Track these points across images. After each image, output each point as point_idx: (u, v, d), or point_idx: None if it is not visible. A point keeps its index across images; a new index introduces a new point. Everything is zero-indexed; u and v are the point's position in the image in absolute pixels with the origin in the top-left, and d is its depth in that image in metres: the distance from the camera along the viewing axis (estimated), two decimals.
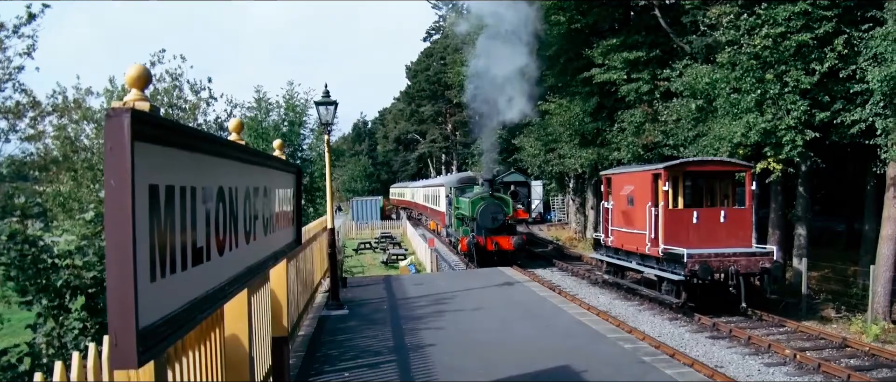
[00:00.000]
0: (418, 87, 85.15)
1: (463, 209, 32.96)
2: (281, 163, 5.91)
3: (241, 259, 3.91)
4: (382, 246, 47.44)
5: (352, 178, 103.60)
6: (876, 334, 18.33)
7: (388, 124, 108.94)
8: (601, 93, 33.12)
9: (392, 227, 63.57)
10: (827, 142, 22.35)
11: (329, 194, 15.16)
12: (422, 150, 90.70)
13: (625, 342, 10.43)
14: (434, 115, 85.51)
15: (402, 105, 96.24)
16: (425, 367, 9.25)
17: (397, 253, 40.38)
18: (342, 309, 13.88)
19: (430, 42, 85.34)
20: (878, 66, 18.85)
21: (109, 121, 2.18)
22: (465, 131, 76.81)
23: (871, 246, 22.49)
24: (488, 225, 29.96)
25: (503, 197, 31.73)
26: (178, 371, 4.30)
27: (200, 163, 3.06)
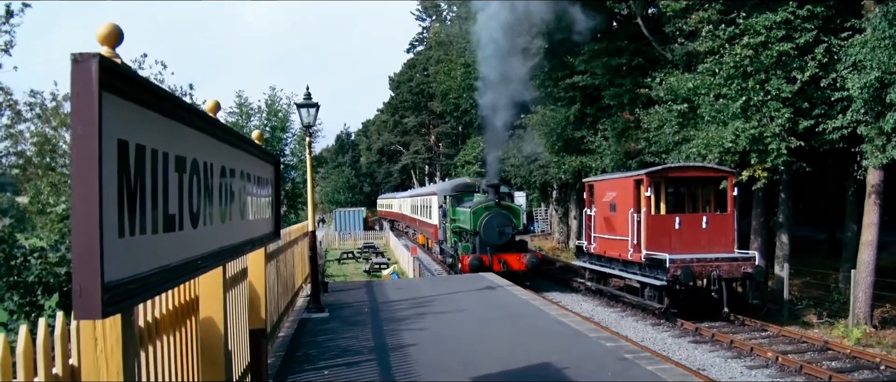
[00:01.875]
0: (401, 99, 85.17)
1: (462, 221, 28.53)
2: (259, 150, 5.83)
3: (216, 237, 3.85)
4: (365, 256, 47.26)
5: (335, 190, 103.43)
6: (857, 338, 18.41)
7: (371, 135, 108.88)
8: (584, 100, 33.19)
9: (375, 237, 63.36)
10: (808, 148, 22.48)
11: (310, 197, 15.07)
12: (405, 162, 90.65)
13: (606, 341, 10.39)
14: (417, 127, 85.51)
15: (386, 116, 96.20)
16: (405, 365, 9.18)
17: (380, 262, 40.16)
18: (323, 312, 13.77)
19: (414, 53, 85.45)
20: (858, 74, 19.00)
21: (76, 66, 2.13)
22: (448, 142, 76.87)
23: (852, 253, 22.61)
24: (494, 240, 25.73)
25: (512, 206, 27.48)
26: (151, 353, 4.26)
27: (174, 130, 3.01)
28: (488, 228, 25.74)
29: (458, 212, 29.43)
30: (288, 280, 13.60)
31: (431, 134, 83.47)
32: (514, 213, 26.76)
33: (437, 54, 64.19)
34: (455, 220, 29.85)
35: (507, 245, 25.84)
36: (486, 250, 25.40)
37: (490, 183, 27.77)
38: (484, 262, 24.53)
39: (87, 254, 2.10)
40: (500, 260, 25.07)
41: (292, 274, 14.50)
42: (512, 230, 25.88)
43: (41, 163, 18.03)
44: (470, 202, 28.59)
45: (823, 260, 30.16)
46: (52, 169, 17.70)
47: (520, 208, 27.49)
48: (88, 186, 2.11)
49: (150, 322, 4.22)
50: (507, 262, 25.14)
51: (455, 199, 31.09)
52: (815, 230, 38.77)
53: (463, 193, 32.03)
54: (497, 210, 26.26)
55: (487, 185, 27.81)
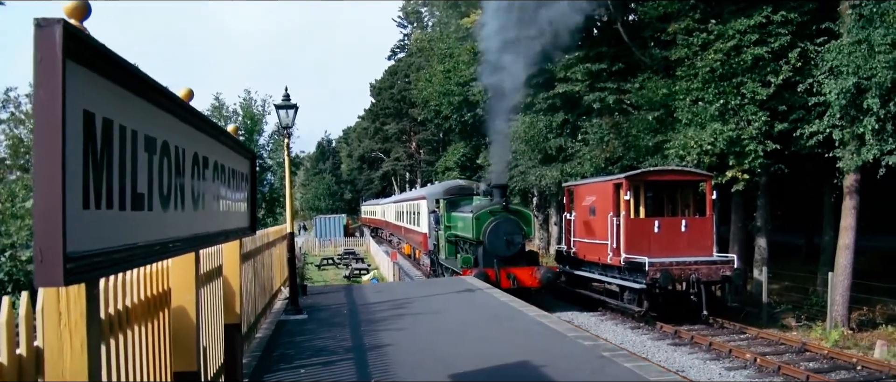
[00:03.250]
0: (382, 105, 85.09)
1: (460, 228, 25.08)
2: (235, 143, 5.79)
3: (188, 223, 3.81)
4: (345, 262, 47.11)
5: (315, 196, 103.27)
6: (835, 339, 18.54)
7: (352, 142, 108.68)
8: (565, 106, 33.26)
9: (355, 244, 63.24)
10: (787, 152, 22.68)
11: (289, 198, 15.01)
12: (386, 168, 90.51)
13: (584, 340, 10.39)
14: (398, 133, 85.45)
15: (367, 123, 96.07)
16: (382, 364, 9.13)
17: (360, 268, 40.01)
18: (301, 313, 13.68)
19: (395, 60, 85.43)
20: (835, 80, 19.18)
21: (40, 32, 2.10)
22: (428, 149, 76.87)
23: (829, 257, 22.82)
24: (501, 251, 22.10)
25: (521, 211, 24.24)
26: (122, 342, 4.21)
27: (144, 109, 2.98)
28: (494, 237, 22.20)
29: (455, 218, 25.90)
30: (266, 282, 13.53)
31: (412, 140, 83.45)
32: (524, 219, 23.43)
33: (418, 61, 64.26)
34: (451, 227, 26.25)
35: (517, 257, 22.43)
36: (491, 263, 21.95)
37: (496, 183, 24.38)
38: (490, 277, 20.90)
39: (48, 220, 2.07)
40: (509, 275, 21.60)
41: (271, 276, 14.42)
42: (522, 239, 22.50)
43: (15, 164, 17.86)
44: (469, 206, 25.13)
45: (802, 265, 30.38)
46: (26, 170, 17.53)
47: (530, 214, 24.30)
48: (51, 151, 2.08)
49: (120, 311, 4.18)
50: (518, 278, 21.69)
51: (450, 204, 27.24)
52: (793, 235, 39.09)
53: (459, 196, 28.32)
54: (505, 215, 22.70)
55: (492, 186, 24.38)
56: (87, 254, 2.31)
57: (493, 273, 21.46)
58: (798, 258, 34.79)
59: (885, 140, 18.71)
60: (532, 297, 19.74)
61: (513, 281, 21.46)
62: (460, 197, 28.00)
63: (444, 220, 26.79)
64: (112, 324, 4.03)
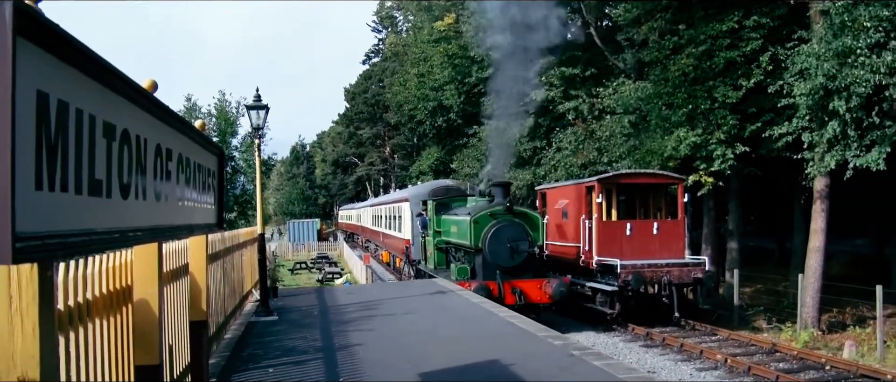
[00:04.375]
0: (357, 110, 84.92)
1: (453, 234, 21.58)
2: (201, 138, 5.75)
3: (150, 214, 3.77)
4: (318, 267, 46.97)
5: (289, 201, 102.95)
6: (805, 341, 18.72)
7: (326, 147, 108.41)
8: (538, 111, 33.35)
9: (329, 248, 63.06)
10: (755, 155, 22.91)
11: (259, 200, 14.92)
12: (360, 173, 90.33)
13: (554, 339, 10.41)
14: (372, 138, 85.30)
15: (341, 128, 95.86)
16: (352, 364, 9.11)
17: (333, 272, 39.93)
18: (272, 315, 13.61)
19: (370, 65, 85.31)
20: (804, 81, 19.40)
21: None
22: (403, 154, 76.82)
23: (800, 260, 23.02)
24: (504, 261, 19.03)
25: (528, 214, 20.64)
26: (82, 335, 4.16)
27: (103, 94, 2.95)
28: (496, 244, 19.11)
29: (447, 222, 22.54)
30: (236, 284, 13.45)
31: (386, 145, 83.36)
32: (531, 223, 19.96)
33: (393, 65, 64.22)
34: (441, 233, 23.14)
35: (523, 267, 19.24)
36: (492, 274, 18.80)
37: (497, 182, 21.47)
38: (492, 292, 17.87)
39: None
40: (514, 290, 18.64)
41: (241, 278, 14.34)
42: (528, 246, 19.13)
43: None
44: (464, 208, 22.04)
45: (774, 268, 30.68)
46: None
47: (538, 216, 20.57)
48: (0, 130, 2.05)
49: (80, 304, 4.14)
50: (525, 292, 18.75)
51: (440, 205, 24.07)
52: (766, 239, 39.50)
53: (449, 197, 25.07)
54: (508, 218, 19.51)
55: (493, 185, 21.42)
56: (38, 235, 2.28)
57: (495, 286, 18.30)
58: (771, 261, 35.13)
59: (850, 146, 18.94)
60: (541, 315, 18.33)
61: (519, 297, 18.55)
62: (451, 198, 24.78)
63: (433, 224, 23.65)
64: (72, 317, 4.00)
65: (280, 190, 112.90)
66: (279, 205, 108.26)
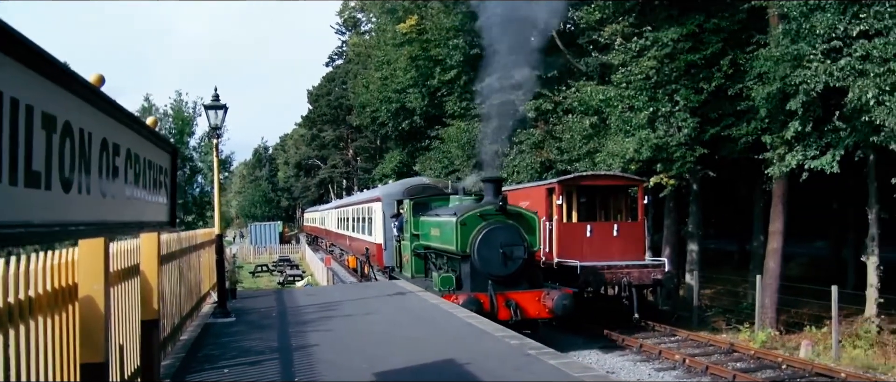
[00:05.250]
0: (320, 112, 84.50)
1: (434, 238, 18.88)
2: (153, 134, 5.69)
3: (95, 209, 3.72)
4: (280, 269, 46.64)
5: (251, 204, 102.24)
6: (762, 341, 18.97)
7: (288, 149, 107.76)
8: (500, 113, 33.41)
9: (291, 251, 62.71)
10: (716, 157, 23.20)
11: (217, 200, 14.80)
12: (322, 176, 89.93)
13: (511, 339, 10.45)
14: (335, 140, 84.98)
15: (304, 130, 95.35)
16: (308, 363, 9.08)
17: (294, 274, 39.63)
18: (229, 316, 13.50)
19: (333, 67, 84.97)
20: (763, 85, 19.69)
21: None
22: (365, 156, 76.64)
23: (760, 262, 23.34)
24: (496, 268, 16.47)
25: (523, 214, 17.80)
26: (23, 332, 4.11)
27: (43, 86, 2.91)
28: (487, 249, 16.52)
29: (427, 224, 19.87)
30: (193, 285, 13.33)
31: (349, 148, 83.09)
32: (526, 225, 17.34)
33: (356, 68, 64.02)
34: (419, 236, 20.48)
35: (517, 276, 16.72)
36: (482, 284, 16.30)
37: (487, 177, 19.04)
38: (483, 306, 15.53)
39: None
40: (509, 303, 16.16)
41: (198, 279, 14.22)
42: (524, 252, 16.64)
43: None
44: (446, 208, 19.60)
45: (734, 270, 31.09)
46: None
47: (535, 217, 17.82)
48: None
49: (22, 301, 4.09)
50: (520, 306, 16.33)
51: (418, 206, 21.35)
52: (727, 242, 40.04)
53: (427, 197, 22.32)
54: (501, 220, 16.93)
55: (483, 181, 18.93)
56: None
57: (487, 298, 15.83)
58: (731, 263, 35.61)
59: (810, 146, 19.28)
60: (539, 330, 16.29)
61: (514, 311, 16.09)
62: (430, 197, 22.14)
63: (411, 227, 20.96)
64: (12, 313, 3.95)
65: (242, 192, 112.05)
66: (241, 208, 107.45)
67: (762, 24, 22.01)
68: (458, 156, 35.84)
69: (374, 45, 52.43)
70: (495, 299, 16.00)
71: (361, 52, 59.52)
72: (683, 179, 23.10)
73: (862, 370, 16.00)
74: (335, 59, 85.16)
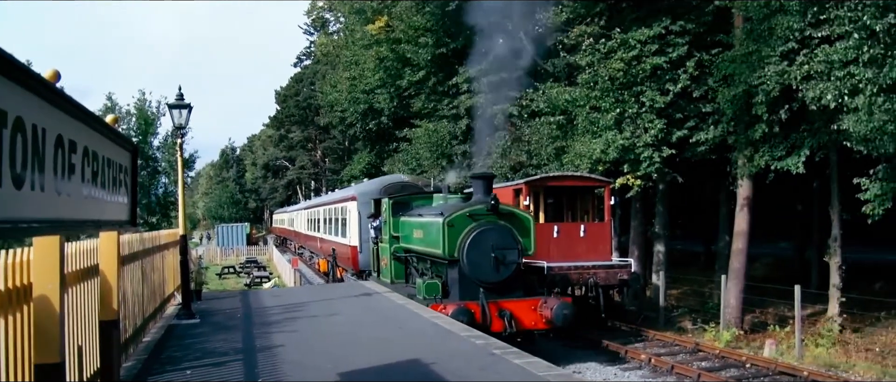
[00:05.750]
0: (288, 113, 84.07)
1: (417, 240, 17.19)
2: (112, 132, 5.62)
3: (49, 206, 3.66)
4: (247, 271, 46.31)
5: (218, 205, 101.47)
6: (727, 340, 19.15)
7: (256, 151, 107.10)
8: (468, 113, 33.44)
9: (258, 252, 62.31)
10: (679, 159, 23.37)
11: (181, 200, 14.66)
12: (290, 177, 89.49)
13: (476, 339, 10.46)
14: (303, 141, 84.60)
15: (271, 131, 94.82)
16: (272, 364, 9.02)
17: (261, 276, 39.36)
18: (194, 318, 13.38)
19: (301, 67, 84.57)
20: (728, 88, 19.89)
21: None
22: (334, 157, 76.39)
23: (725, 262, 23.54)
24: (488, 275, 14.94)
25: (516, 214, 16.13)
26: None
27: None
28: (477, 253, 14.91)
29: (408, 225, 18.13)
30: (157, 286, 13.21)
31: (317, 149, 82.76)
32: (520, 226, 15.67)
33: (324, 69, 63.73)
34: (400, 238, 18.75)
35: (511, 282, 15.26)
36: (472, 292, 14.81)
37: (478, 173, 17.66)
38: (474, 316, 14.07)
39: None
40: (502, 312, 14.69)
41: (162, 280, 14.10)
42: (518, 256, 15.15)
43: None
44: (429, 208, 17.94)
45: (701, 271, 31.34)
46: None
47: (529, 218, 16.32)
48: None
49: None
50: (515, 316, 14.81)
51: (398, 205, 19.42)
52: (694, 243, 40.36)
53: (408, 195, 20.48)
54: (492, 221, 15.28)
55: (472, 177, 17.48)
56: None
57: (477, 308, 14.36)
58: (698, 264, 35.89)
59: (776, 146, 19.53)
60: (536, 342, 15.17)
61: (508, 322, 14.61)
62: (411, 196, 20.36)
63: (390, 228, 19.07)
64: None
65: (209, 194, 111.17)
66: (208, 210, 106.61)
67: (728, 26, 22.23)
68: (426, 157, 35.77)
69: (342, 45, 52.18)
70: (488, 309, 14.41)
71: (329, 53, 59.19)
72: (650, 180, 23.23)
73: (824, 368, 16.22)
74: (303, 59, 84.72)
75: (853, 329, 20.21)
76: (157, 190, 29.20)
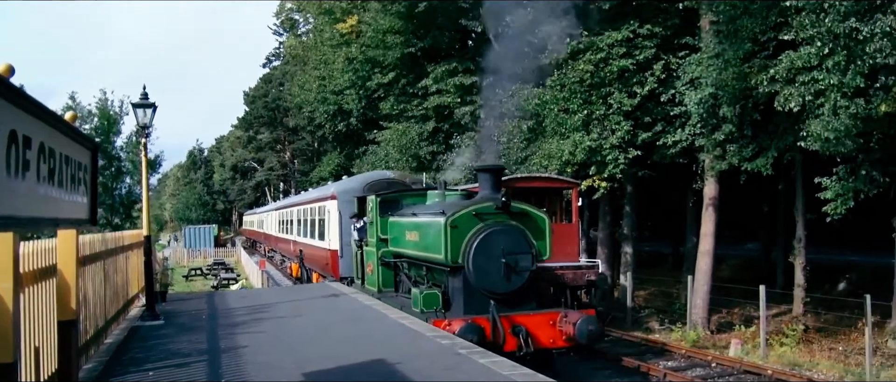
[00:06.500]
0: (256, 114, 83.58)
1: (411, 243, 14.66)
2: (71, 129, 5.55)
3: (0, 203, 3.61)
4: (214, 273, 45.97)
5: (186, 206, 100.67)
6: (693, 340, 19.34)
7: (224, 152, 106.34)
8: (437, 116, 33.42)
9: (226, 254, 61.89)
10: (649, 161, 23.53)
11: (145, 200, 14.51)
12: (259, 178, 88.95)
13: (442, 339, 10.43)
14: (272, 143, 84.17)
15: (240, 132, 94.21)
16: (236, 365, 8.94)
17: (228, 278, 39.07)
18: (158, 319, 13.23)
19: (270, 68, 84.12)
20: (695, 91, 20.06)
21: None
22: (303, 159, 76.06)
23: (692, 263, 23.73)
24: (497, 285, 12.73)
25: (530, 213, 13.84)
26: None
27: None
28: (484, 258, 12.65)
29: (399, 226, 15.62)
30: (120, 287, 13.05)
31: (286, 150, 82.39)
32: (534, 228, 13.56)
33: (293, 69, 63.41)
34: (389, 241, 16.21)
35: (523, 293, 13.07)
36: (479, 304, 12.58)
37: (485, 166, 14.98)
38: (485, 333, 11.93)
39: None
40: (516, 329, 12.45)
41: (126, 281, 13.93)
42: (532, 262, 12.95)
43: None
44: (424, 206, 15.66)
45: (669, 272, 31.58)
46: None
47: (544, 218, 14.07)
48: None
49: None
50: (530, 332, 12.58)
51: (386, 203, 16.72)
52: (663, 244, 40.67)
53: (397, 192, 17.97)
54: (502, 221, 13.04)
55: (479, 171, 14.97)
56: None
57: (487, 324, 12.13)
58: (666, 266, 36.16)
59: (744, 147, 19.74)
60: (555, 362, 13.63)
61: (523, 338, 12.39)
62: (401, 193, 17.84)
63: (378, 230, 16.45)
64: None
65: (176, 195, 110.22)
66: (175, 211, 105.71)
67: (696, 29, 22.42)
68: (395, 158, 35.69)
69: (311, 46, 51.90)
70: (500, 325, 12.22)
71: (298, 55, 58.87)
72: (617, 182, 23.37)
73: (788, 367, 16.43)
74: (272, 59, 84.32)
75: (817, 328, 20.48)
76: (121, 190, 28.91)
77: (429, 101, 32.49)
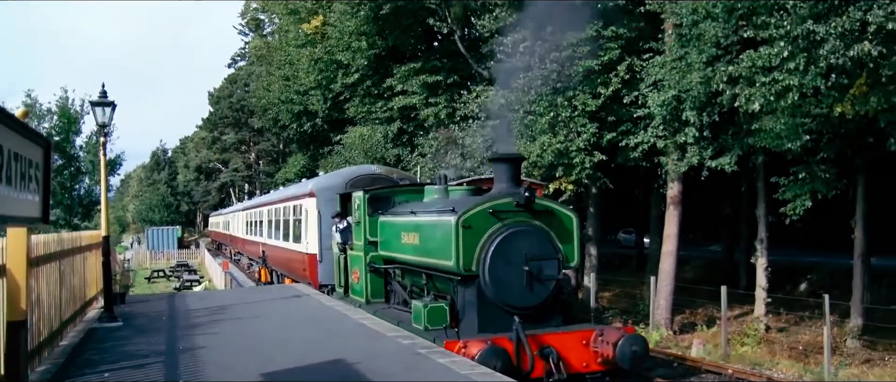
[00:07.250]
0: (221, 114, 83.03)
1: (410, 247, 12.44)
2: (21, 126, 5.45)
3: None
4: (177, 275, 45.51)
5: (149, 208, 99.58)
6: (656, 340, 19.49)
7: (189, 153, 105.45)
8: (402, 117, 33.40)
9: (190, 256, 61.34)
10: (613, 164, 23.67)
11: (104, 200, 14.32)
12: (224, 179, 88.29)
13: (403, 339, 10.40)
14: (237, 143, 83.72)
15: (205, 133, 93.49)
16: (194, 366, 8.85)
17: (191, 279, 38.66)
18: (116, 321, 13.05)
19: (235, 68, 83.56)
20: (658, 92, 20.22)
21: None
22: (268, 160, 75.64)
23: (656, 264, 23.93)
24: (519, 298, 10.69)
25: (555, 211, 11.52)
26: None
27: None
28: (502, 265, 10.67)
29: (392, 227, 13.37)
30: (77, 288, 12.84)
31: (251, 151, 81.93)
32: (560, 229, 11.34)
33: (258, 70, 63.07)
34: (378, 244, 14.01)
35: (548, 307, 11.08)
36: (497, 321, 10.60)
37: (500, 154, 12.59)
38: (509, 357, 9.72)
39: None
40: (545, 349, 10.25)
41: (83, 283, 13.72)
42: (558, 270, 10.94)
43: None
44: (423, 204, 12.98)
45: (633, 274, 31.80)
46: None
47: (571, 217, 11.62)
48: None
49: None
50: (561, 355, 10.32)
51: (376, 200, 14.47)
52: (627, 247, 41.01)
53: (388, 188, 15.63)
54: (524, 220, 11.02)
55: (493, 161, 12.48)
56: None
57: (511, 345, 9.95)
58: (631, 267, 36.42)
59: (706, 148, 19.93)
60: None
61: (551, 362, 10.18)
62: (393, 189, 15.35)
63: (366, 232, 14.19)
64: None
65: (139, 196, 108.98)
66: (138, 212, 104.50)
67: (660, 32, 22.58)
68: (360, 161, 35.56)
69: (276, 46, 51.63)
70: (528, 346, 9.96)
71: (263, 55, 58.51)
72: (582, 184, 23.48)
73: (749, 366, 16.62)
74: (238, 60, 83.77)
75: (778, 328, 20.74)
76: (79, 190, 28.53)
77: (394, 102, 32.45)
